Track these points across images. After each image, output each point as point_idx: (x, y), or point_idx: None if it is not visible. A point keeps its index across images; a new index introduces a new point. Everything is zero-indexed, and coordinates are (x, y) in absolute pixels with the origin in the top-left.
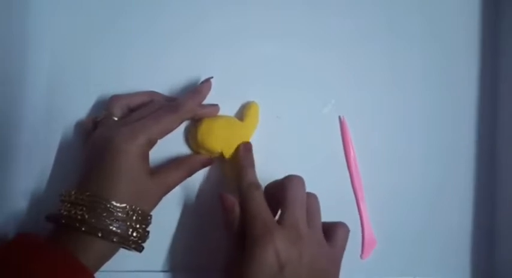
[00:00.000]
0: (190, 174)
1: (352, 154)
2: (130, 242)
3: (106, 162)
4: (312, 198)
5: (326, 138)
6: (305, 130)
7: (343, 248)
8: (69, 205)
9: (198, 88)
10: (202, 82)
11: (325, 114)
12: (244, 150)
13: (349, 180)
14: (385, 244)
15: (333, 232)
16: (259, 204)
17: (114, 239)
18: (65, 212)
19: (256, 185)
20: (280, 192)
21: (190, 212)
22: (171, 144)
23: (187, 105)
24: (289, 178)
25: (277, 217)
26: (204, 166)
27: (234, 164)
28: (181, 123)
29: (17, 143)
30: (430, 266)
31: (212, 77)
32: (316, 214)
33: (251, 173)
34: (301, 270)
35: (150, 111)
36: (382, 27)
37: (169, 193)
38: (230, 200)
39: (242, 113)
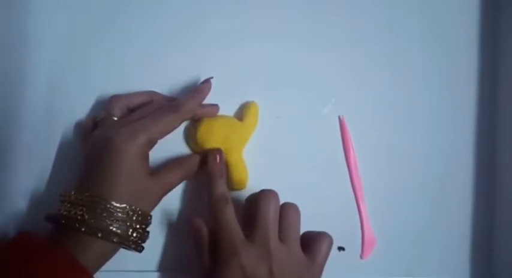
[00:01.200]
0: (190, 174)
1: (351, 154)
2: (130, 242)
3: (106, 162)
4: (288, 210)
5: (326, 138)
6: (305, 130)
7: (324, 260)
8: (68, 205)
9: (198, 88)
10: (202, 82)
11: (325, 114)
12: (213, 158)
13: (349, 179)
14: (385, 244)
15: (314, 243)
16: (228, 220)
17: (114, 240)
18: (64, 213)
19: (225, 199)
20: (253, 207)
21: (190, 212)
22: (171, 144)
23: (187, 105)
24: (261, 193)
25: None
26: (203, 166)
27: (234, 163)
28: (181, 123)
29: (17, 143)
30: (430, 266)
31: (212, 77)
32: (292, 226)
33: (220, 185)
34: None
35: (150, 111)
36: (382, 27)
37: (169, 193)
38: (197, 223)
39: (242, 113)
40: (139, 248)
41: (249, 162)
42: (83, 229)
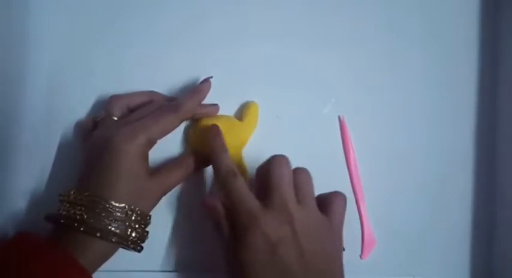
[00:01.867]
0: (189, 174)
1: (351, 154)
2: (129, 242)
3: (105, 162)
4: (300, 173)
5: (326, 138)
6: (305, 130)
7: (342, 217)
8: (68, 205)
9: (197, 88)
10: (202, 82)
11: (325, 114)
12: (213, 134)
13: (348, 179)
14: (385, 244)
15: (328, 202)
16: (240, 192)
17: (113, 240)
18: (63, 212)
19: (233, 172)
20: (266, 174)
21: (190, 212)
22: (171, 144)
23: (187, 104)
24: (272, 159)
25: None
26: (203, 165)
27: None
28: (181, 123)
29: (17, 143)
30: (430, 266)
31: (212, 77)
32: (306, 188)
33: (225, 159)
34: (298, 247)
35: (150, 111)
36: (382, 27)
37: (168, 193)
38: (211, 201)
39: (241, 113)
40: (138, 248)
41: (249, 161)
42: (82, 229)
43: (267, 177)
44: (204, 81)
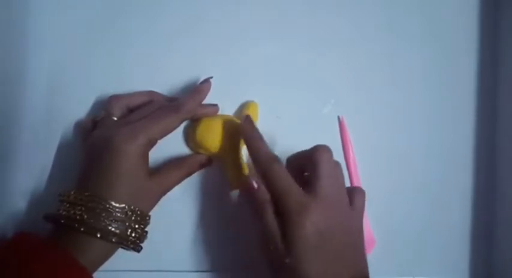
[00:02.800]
0: (189, 174)
1: (351, 154)
2: (129, 242)
3: (105, 162)
4: (337, 166)
5: (326, 138)
6: (305, 130)
7: (363, 212)
8: (68, 205)
9: (197, 88)
10: (202, 82)
11: (325, 114)
12: (248, 121)
13: (348, 180)
14: (385, 244)
15: (353, 196)
16: (286, 179)
17: (113, 240)
18: (63, 213)
19: (276, 158)
20: (309, 163)
21: (190, 212)
22: (171, 144)
23: (187, 105)
24: (318, 149)
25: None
26: (203, 166)
27: (233, 163)
28: (181, 123)
29: (17, 143)
30: (430, 266)
31: (212, 77)
32: (342, 181)
33: (264, 145)
34: (338, 238)
35: (150, 111)
36: (382, 27)
37: (168, 193)
38: (253, 182)
39: (241, 113)
40: (137, 248)
41: (249, 161)
42: (82, 229)
43: (312, 165)
44: (204, 81)
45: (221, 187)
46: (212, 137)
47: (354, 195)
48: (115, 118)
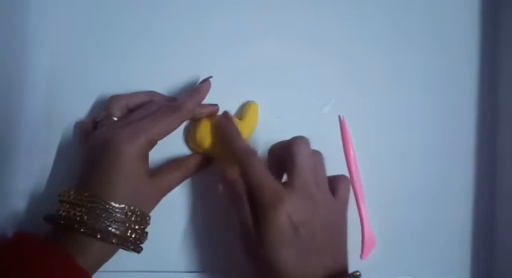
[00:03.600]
0: (189, 175)
1: (351, 153)
2: (129, 243)
3: (105, 162)
4: (316, 156)
5: (326, 138)
6: (305, 130)
7: (347, 201)
8: (68, 205)
9: (197, 88)
10: (201, 82)
11: (325, 113)
12: (225, 117)
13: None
14: (385, 244)
15: (335, 186)
16: (261, 171)
17: (113, 241)
18: (63, 213)
19: (252, 151)
20: (286, 154)
21: (190, 212)
22: (171, 144)
23: (187, 105)
24: (295, 141)
25: (283, 179)
26: (203, 166)
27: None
28: (182, 123)
29: (16, 143)
30: (430, 266)
31: (211, 77)
32: (322, 172)
33: (241, 139)
34: (316, 229)
35: (150, 111)
36: (382, 28)
37: (169, 194)
38: (231, 176)
39: (241, 113)
40: (137, 249)
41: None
42: (82, 230)
43: (289, 157)
44: (204, 80)
45: (222, 188)
46: (212, 137)
47: (337, 183)
48: (115, 119)
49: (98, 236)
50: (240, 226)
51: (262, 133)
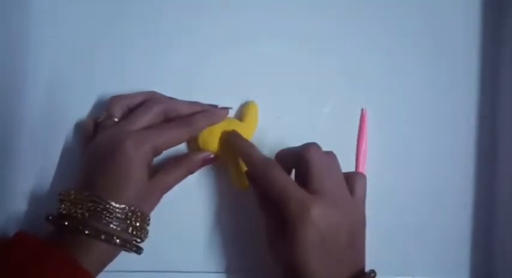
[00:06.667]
0: (189, 173)
1: (363, 148)
2: (131, 244)
3: (111, 164)
4: (330, 158)
5: (326, 138)
6: (305, 130)
7: (365, 199)
8: (68, 204)
9: (214, 111)
10: (222, 108)
11: (325, 114)
12: (235, 136)
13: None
14: (384, 244)
15: (353, 184)
16: (285, 181)
17: (117, 242)
18: (64, 211)
19: (272, 161)
20: (301, 162)
21: (190, 212)
22: None
23: (198, 123)
24: (307, 148)
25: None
26: (203, 164)
27: (236, 164)
28: (189, 138)
29: (17, 143)
30: (429, 266)
31: (231, 108)
32: (338, 173)
33: (256, 151)
34: (341, 233)
35: (151, 112)
36: (383, 28)
37: (169, 194)
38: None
39: (241, 113)
40: (139, 250)
41: None
42: (86, 232)
43: (304, 165)
44: (224, 108)
45: (222, 188)
46: (213, 138)
47: (354, 181)
48: (116, 119)
49: (102, 238)
50: (267, 232)
51: (263, 133)
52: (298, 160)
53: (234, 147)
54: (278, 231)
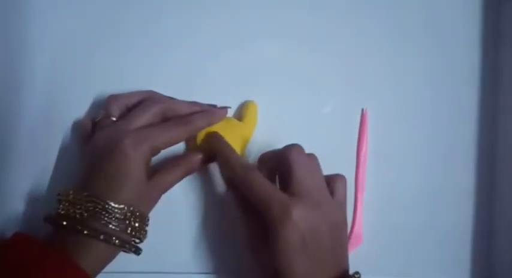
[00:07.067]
0: (188, 173)
1: (364, 148)
2: (130, 245)
3: (110, 164)
4: (312, 161)
5: (326, 138)
6: (305, 130)
7: (345, 200)
8: (67, 204)
9: (213, 111)
10: (221, 107)
11: (325, 113)
12: (215, 139)
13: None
14: (384, 244)
15: (333, 186)
16: (265, 185)
17: (116, 242)
18: (62, 211)
19: (249, 166)
20: (282, 164)
21: (190, 213)
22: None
23: (197, 122)
24: (290, 149)
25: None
26: (202, 165)
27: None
28: (188, 137)
29: (16, 143)
30: (429, 266)
31: (230, 107)
32: (320, 175)
33: (236, 157)
34: (322, 235)
35: (149, 111)
36: (383, 28)
37: (169, 194)
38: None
39: (241, 113)
40: (138, 251)
41: (251, 162)
42: (85, 232)
43: (286, 167)
44: (223, 107)
45: (222, 188)
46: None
47: (335, 183)
48: (114, 119)
49: (101, 238)
50: (250, 236)
51: (262, 133)
52: (281, 162)
53: (214, 150)
54: (260, 235)
